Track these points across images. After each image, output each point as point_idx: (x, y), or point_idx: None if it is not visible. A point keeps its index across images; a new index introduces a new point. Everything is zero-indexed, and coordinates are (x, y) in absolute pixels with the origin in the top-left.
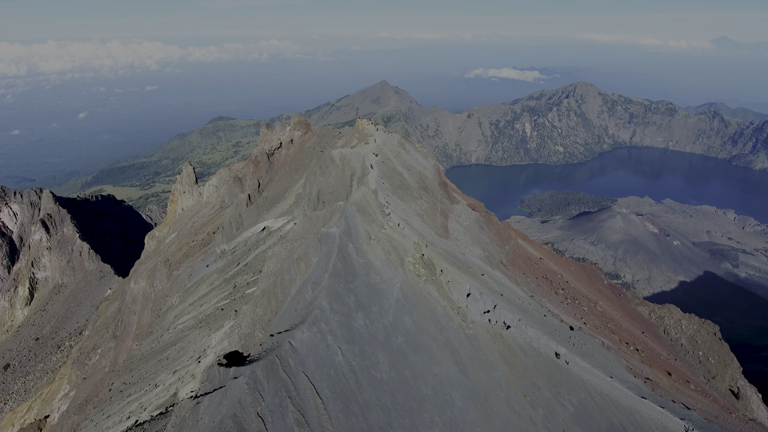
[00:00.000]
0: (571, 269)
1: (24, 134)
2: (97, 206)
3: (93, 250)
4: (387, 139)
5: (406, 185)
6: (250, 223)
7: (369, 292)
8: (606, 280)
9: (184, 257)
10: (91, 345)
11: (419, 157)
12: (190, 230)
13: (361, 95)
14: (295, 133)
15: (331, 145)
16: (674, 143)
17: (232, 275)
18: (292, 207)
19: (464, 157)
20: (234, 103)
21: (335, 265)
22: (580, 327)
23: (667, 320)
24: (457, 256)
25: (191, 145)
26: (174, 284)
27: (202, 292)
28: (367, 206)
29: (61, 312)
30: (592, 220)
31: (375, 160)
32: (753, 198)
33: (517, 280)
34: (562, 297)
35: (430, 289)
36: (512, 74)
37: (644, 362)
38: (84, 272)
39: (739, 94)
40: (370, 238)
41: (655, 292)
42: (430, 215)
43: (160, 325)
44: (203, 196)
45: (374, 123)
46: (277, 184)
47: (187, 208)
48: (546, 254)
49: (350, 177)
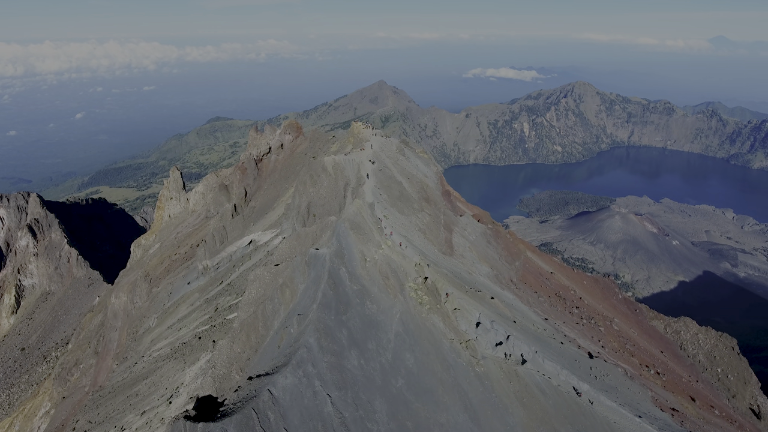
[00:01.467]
0: (583, 283)
1: (21, 135)
2: (86, 210)
3: (81, 256)
4: (384, 144)
5: (406, 196)
6: (235, 236)
7: (364, 325)
8: (620, 294)
9: (165, 272)
10: (74, 360)
11: (420, 164)
12: (172, 242)
13: (359, 95)
14: (286, 137)
15: (324, 150)
16: (672, 142)
17: (214, 295)
18: (281, 218)
19: (462, 157)
20: (231, 103)
21: (325, 294)
22: (599, 352)
23: (683, 334)
24: (463, 276)
25: (188, 146)
26: (153, 303)
27: (182, 313)
28: (362, 222)
29: (48, 321)
30: (591, 220)
31: (371, 169)
32: (751, 197)
33: (529, 301)
34: (577, 317)
35: (434, 319)
36: (510, 74)
37: (667, 388)
38: (72, 279)
39: (737, 93)
40: (366, 260)
41: (655, 292)
42: (432, 230)
43: (136, 351)
44: (189, 203)
45: (370, 126)
46: (265, 193)
47: (174, 216)
48: (557, 267)
49: (344, 187)
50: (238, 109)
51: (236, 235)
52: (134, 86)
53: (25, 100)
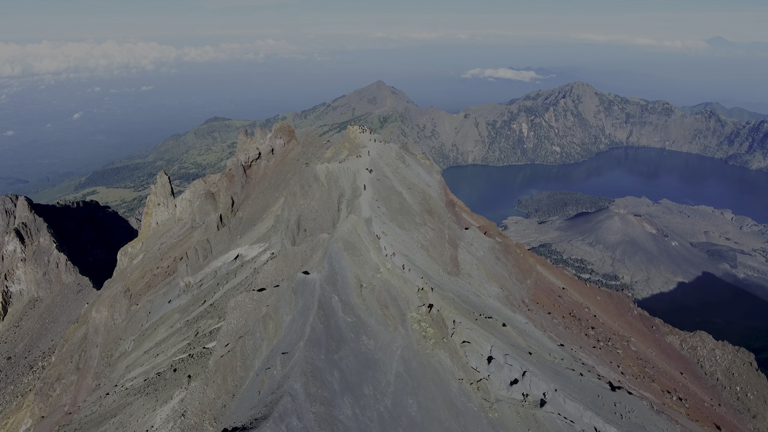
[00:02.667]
0: (597, 299)
1: (18, 135)
2: (78, 213)
3: (71, 262)
4: (383, 150)
5: (407, 209)
6: (220, 250)
7: (360, 364)
8: (635, 309)
9: (146, 288)
10: (56, 375)
11: (421, 172)
12: (155, 254)
13: (358, 95)
14: (277, 142)
15: (318, 156)
16: (671, 143)
17: (195, 317)
18: (270, 231)
19: (461, 157)
20: (230, 103)
21: (314, 328)
22: (620, 381)
23: (699, 350)
24: (471, 300)
25: (186, 146)
26: (131, 323)
27: (160, 336)
28: (357, 242)
29: (36, 329)
30: (590, 220)
31: (369, 178)
32: (750, 198)
33: (543, 325)
34: (593, 339)
35: (440, 355)
36: (508, 74)
37: (692, 417)
38: (61, 285)
39: (734, 93)
40: (362, 286)
41: (654, 293)
42: (436, 246)
43: (109, 378)
44: (176, 211)
45: (368, 130)
46: (253, 203)
47: (161, 222)
48: (569, 282)
49: (338, 199)
50: (237, 110)
51: (221, 249)
52: (132, 86)
53: (22, 100)
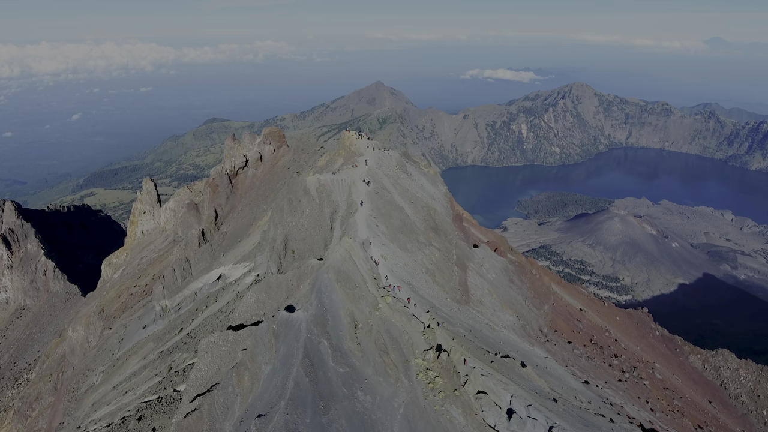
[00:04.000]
0: (616, 320)
1: (16, 136)
2: (68, 218)
3: (59, 269)
4: (382, 158)
5: (410, 226)
6: (201, 270)
7: (354, 429)
8: (656, 329)
9: (122, 308)
10: (35, 393)
11: (425, 183)
12: (134, 270)
13: (357, 96)
14: (266, 148)
15: (311, 164)
16: (670, 144)
17: (170, 349)
18: (256, 249)
19: (460, 158)
20: (229, 104)
21: (298, 382)
22: (650, 420)
23: (723, 371)
24: (484, 334)
25: (184, 147)
26: (101, 350)
27: (131, 369)
28: (351, 271)
29: (22, 339)
30: (590, 222)
31: (366, 191)
32: (750, 199)
33: (564, 358)
34: (618, 370)
35: (452, 412)
36: (507, 75)
37: None
38: (49, 293)
39: (733, 94)
40: (357, 326)
41: (655, 295)
42: (443, 270)
43: (73, 417)
44: (160, 221)
45: (365, 135)
46: (239, 216)
47: (147, 232)
48: (586, 302)
49: (331, 216)
50: (236, 110)
51: (202, 269)
52: (131, 87)
53: (21, 101)
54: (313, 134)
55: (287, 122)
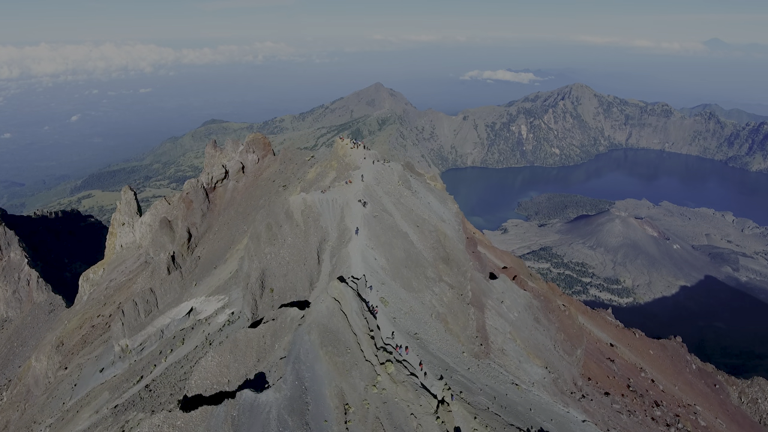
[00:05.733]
0: (650, 354)
1: (15, 137)
2: (56, 224)
3: (43, 279)
4: (382, 172)
5: (416, 258)
6: (169, 302)
7: None
8: (692, 361)
9: (82, 343)
10: (4, 421)
11: (433, 201)
12: (101, 294)
13: (356, 97)
14: (249, 157)
15: (299, 176)
16: (670, 145)
17: (126, 404)
18: (233, 280)
19: (460, 159)
20: (228, 105)
21: None
22: None
23: (761, 404)
24: (512, 401)
25: (183, 149)
26: (52, 397)
27: (81, 426)
28: (341, 330)
29: (3, 353)
30: (591, 223)
31: (362, 215)
32: (750, 200)
33: (604, 419)
34: (662, 424)
35: None
36: (507, 76)
37: None
38: (32, 305)
39: (732, 95)
40: (347, 410)
41: (656, 297)
42: (457, 313)
43: None
44: (135, 236)
45: (361, 144)
46: (216, 237)
47: (126, 246)
48: (615, 334)
49: (318, 246)
50: (235, 112)
51: (171, 300)
52: (130, 88)
53: (20, 103)
54: (312, 135)
55: (286, 123)
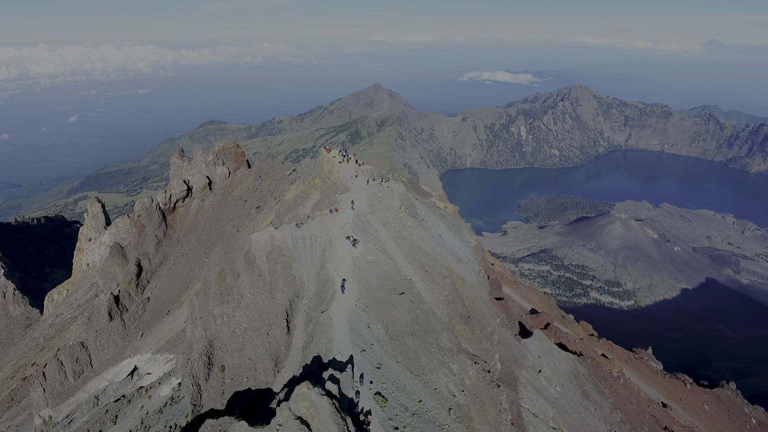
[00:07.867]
0: (705, 410)
1: (13, 138)
2: (39, 230)
3: (20, 291)
4: (378, 196)
5: (424, 321)
6: (107, 358)
7: None
8: (752, 414)
9: (8, 401)
10: None
11: (445, 231)
12: (41, 336)
13: (355, 98)
14: (218, 170)
15: (277, 195)
16: (670, 146)
17: None
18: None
19: (459, 161)
20: (227, 106)
21: None
22: None
23: None
24: None
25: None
26: None
27: None
28: None
29: None
30: (591, 225)
31: (351, 259)
32: (751, 201)
33: None
34: None
35: None
36: (506, 77)
37: None
38: (7, 318)
39: (731, 96)
40: None
41: (657, 300)
42: (484, 401)
43: None
44: (95, 258)
45: (353, 157)
46: (172, 272)
47: (93, 264)
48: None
49: (288, 307)
50: (234, 113)
51: (110, 356)
52: (129, 89)
53: (18, 104)
54: (311, 136)
55: (285, 124)
